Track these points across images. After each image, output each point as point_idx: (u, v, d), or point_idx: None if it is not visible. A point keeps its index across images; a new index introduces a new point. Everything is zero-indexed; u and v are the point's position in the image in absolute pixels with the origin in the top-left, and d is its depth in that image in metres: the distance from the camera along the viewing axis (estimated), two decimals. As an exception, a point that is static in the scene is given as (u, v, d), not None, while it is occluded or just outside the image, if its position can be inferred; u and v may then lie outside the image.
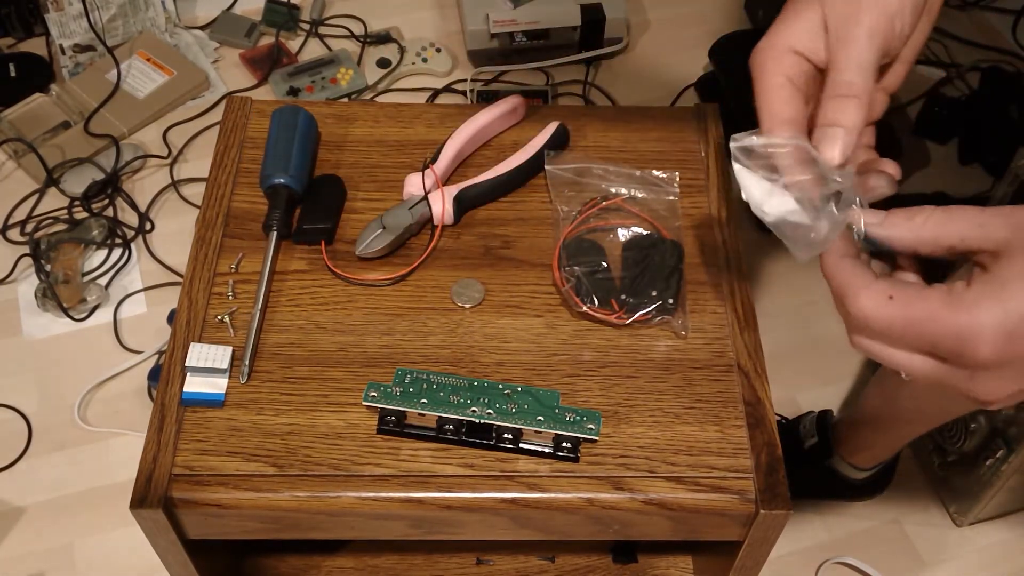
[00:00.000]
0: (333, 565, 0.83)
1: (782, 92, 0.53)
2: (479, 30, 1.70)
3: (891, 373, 1.12)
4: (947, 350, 0.46)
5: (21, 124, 1.59)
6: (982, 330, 0.44)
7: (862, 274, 0.48)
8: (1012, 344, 0.44)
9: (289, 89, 1.67)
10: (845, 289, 0.48)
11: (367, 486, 0.60)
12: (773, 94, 0.53)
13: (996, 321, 0.44)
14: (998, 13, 1.88)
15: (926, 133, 1.69)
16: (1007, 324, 0.44)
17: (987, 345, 0.44)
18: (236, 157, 0.75)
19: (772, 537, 0.62)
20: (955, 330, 0.44)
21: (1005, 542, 1.25)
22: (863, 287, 0.47)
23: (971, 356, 0.45)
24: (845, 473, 1.22)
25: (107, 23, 1.70)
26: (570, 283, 0.68)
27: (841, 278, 0.48)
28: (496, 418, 0.60)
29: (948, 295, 0.45)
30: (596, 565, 0.84)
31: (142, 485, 0.59)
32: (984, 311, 0.44)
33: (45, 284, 1.40)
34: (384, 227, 0.70)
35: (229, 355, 0.63)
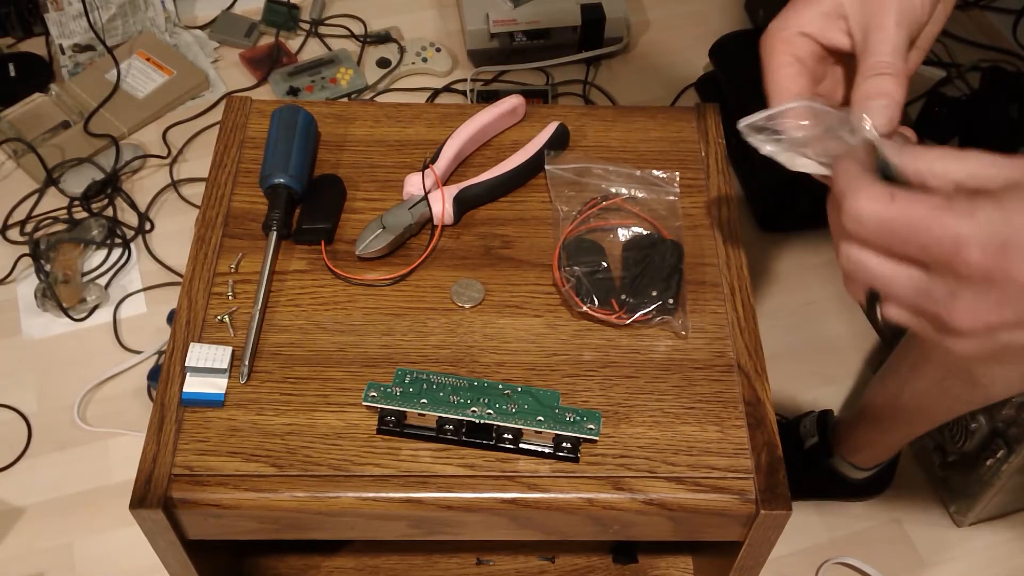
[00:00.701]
0: (333, 565, 0.83)
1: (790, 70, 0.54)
2: (479, 30, 1.70)
3: (892, 372, 1.12)
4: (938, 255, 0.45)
5: (21, 124, 1.59)
6: (977, 234, 0.43)
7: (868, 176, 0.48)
8: (1004, 257, 0.43)
9: (289, 89, 1.67)
10: (847, 187, 0.47)
11: (367, 486, 0.60)
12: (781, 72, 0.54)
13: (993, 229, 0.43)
14: (998, 13, 1.88)
15: (926, 133, 1.69)
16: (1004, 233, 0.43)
17: (979, 250, 0.43)
18: (236, 157, 0.75)
19: (772, 537, 0.62)
20: (951, 232, 0.44)
21: (1005, 542, 1.25)
22: (867, 186, 0.47)
23: (961, 262, 0.44)
24: (845, 473, 1.22)
25: (107, 23, 1.70)
26: (570, 283, 0.68)
27: (847, 177, 0.48)
28: (496, 418, 0.60)
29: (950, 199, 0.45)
30: (596, 565, 0.84)
31: (142, 485, 0.59)
32: (983, 216, 0.43)
33: (45, 284, 1.40)
34: (384, 227, 0.70)
35: (229, 355, 0.63)
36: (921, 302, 0.47)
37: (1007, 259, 0.43)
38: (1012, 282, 0.44)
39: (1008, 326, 0.46)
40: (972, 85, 1.76)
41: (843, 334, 1.42)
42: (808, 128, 0.53)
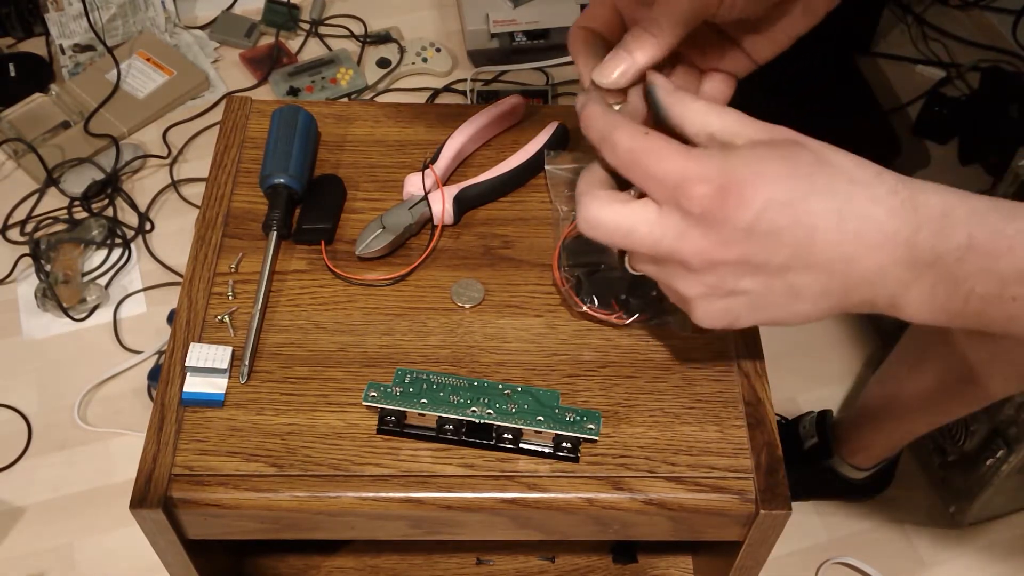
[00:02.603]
0: (333, 565, 0.83)
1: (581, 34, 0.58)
2: (479, 30, 1.71)
3: (891, 373, 1.12)
4: (670, 184, 0.49)
5: (21, 124, 1.59)
6: (703, 173, 0.48)
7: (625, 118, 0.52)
8: (721, 198, 0.48)
9: (289, 89, 1.67)
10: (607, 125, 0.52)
11: (367, 486, 0.60)
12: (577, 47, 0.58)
13: (716, 172, 0.48)
14: (998, 13, 1.88)
15: (926, 133, 1.69)
16: (724, 178, 0.48)
17: (696, 188, 0.48)
18: (236, 157, 0.75)
19: (772, 537, 0.62)
20: (680, 166, 0.49)
21: (1005, 542, 1.25)
22: (624, 123, 0.51)
23: (684, 195, 0.49)
24: (845, 473, 1.22)
25: (107, 23, 1.70)
26: (570, 283, 0.68)
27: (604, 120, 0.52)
28: (496, 418, 0.60)
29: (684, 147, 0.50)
30: (596, 565, 0.84)
31: (142, 485, 0.59)
32: (710, 161, 0.48)
33: (45, 284, 1.40)
34: (384, 227, 0.70)
35: (229, 355, 0.63)
36: (657, 240, 0.50)
37: (725, 200, 0.48)
38: (729, 222, 0.48)
39: (731, 266, 0.50)
40: (972, 85, 1.76)
41: (843, 334, 1.42)
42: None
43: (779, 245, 0.49)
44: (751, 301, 0.52)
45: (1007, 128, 1.57)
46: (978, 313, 0.49)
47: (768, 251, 0.49)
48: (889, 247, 0.48)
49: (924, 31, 1.86)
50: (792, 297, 0.51)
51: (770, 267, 0.50)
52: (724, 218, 0.48)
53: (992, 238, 0.47)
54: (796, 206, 0.48)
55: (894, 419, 1.12)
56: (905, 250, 0.48)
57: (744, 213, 0.48)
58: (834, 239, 0.48)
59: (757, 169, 0.48)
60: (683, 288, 0.52)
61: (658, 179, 0.50)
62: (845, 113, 1.58)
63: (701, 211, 0.49)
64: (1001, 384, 0.96)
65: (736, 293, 0.51)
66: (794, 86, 1.53)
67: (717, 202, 0.48)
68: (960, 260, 0.47)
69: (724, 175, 0.48)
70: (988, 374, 0.95)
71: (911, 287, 0.49)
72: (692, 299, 0.53)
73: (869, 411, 1.16)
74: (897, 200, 0.48)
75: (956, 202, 0.48)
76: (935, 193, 0.49)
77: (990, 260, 0.47)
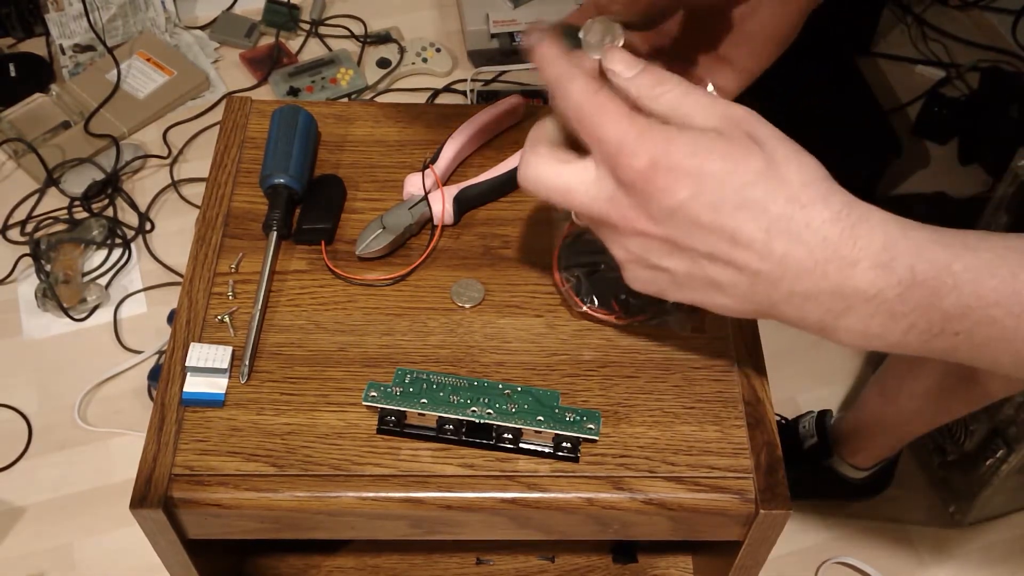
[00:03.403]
0: (333, 565, 0.83)
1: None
2: (479, 30, 1.71)
3: (891, 373, 1.12)
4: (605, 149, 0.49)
5: (21, 124, 1.60)
6: (638, 147, 0.48)
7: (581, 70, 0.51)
8: (654, 171, 0.48)
9: (289, 89, 1.67)
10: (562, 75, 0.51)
11: (367, 486, 0.60)
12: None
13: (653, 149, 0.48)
14: (998, 13, 1.88)
15: (926, 133, 1.69)
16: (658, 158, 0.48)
17: (632, 160, 0.48)
18: (236, 157, 0.75)
19: (772, 537, 0.62)
20: (620, 136, 0.48)
21: (1005, 542, 1.25)
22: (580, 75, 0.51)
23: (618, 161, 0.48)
24: (845, 473, 1.22)
25: (107, 23, 1.70)
26: (570, 283, 0.68)
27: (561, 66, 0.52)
28: (496, 418, 0.60)
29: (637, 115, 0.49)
30: (596, 565, 0.84)
31: (142, 485, 0.59)
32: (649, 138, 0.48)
33: (45, 284, 1.40)
34: (384, 227, 0.70)
35: (229, 355, 0.63)
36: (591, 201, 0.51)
37: (654, 179, 0.48)
38: (654, 201, 0.48)
39: (655, 240, 0.50)
40: (972, 85, 1.76)
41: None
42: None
43: (702, 237, 0.48)
44: (673, 279, 0.52)
45: (1007, 128, 1.57)
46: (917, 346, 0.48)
47: (691, 238, 0.49)
48: (818, 275, 0.47)
49: (924, 31, 1.86)
50: (713, 288, 0.51)
51: (693, 254, 0.49)
52: (650, 196, 0.48)
53: (936, 274, 0.46)
54: (721, 211, 0.47)
55: (894, 419, 1.12)
56: (838, 280, 0.47)
57: (668, 198, 0.48)
58: (756, 254, 0.48)
59: (693, 161, 0.47)
60: (613, 250, 0.53)
61: (600, 140, 0.49)
62: (845, 113, 1.58)
63: (630, 182, 0.49)
64: (1001, 384, 0.97)
65: (659, 268, 0.51)
66: (794, 86, 1.53)
67: (646, 177, 0.48)
68: (900, 296, 0.46)
69: (661, 154, 0.47)
70: (988, 375, 0.95)
71: (842, 316, 0.48)
72: (621, 262, 0.53)
73: (869, 411, 1.16)
74: (836, 229, 0.47)
75: (898, 234, 0.47)
76: (879, 224, 0.47)
77: (934, 297, 0.46)
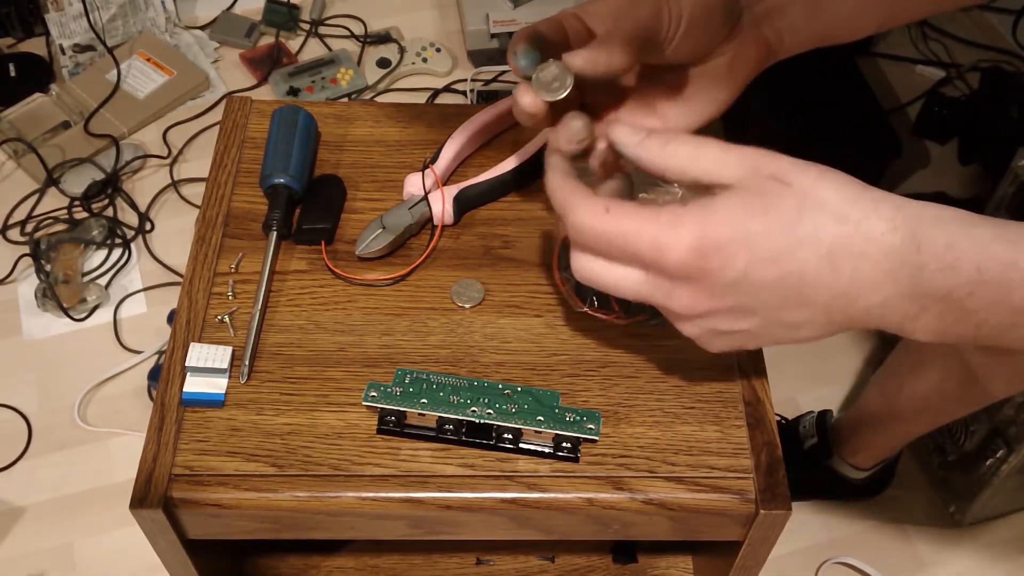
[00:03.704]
0: (333, 565, 0.83)
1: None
2: (479, 30, 1.71)
3: (891, 373, 1.12)
4: (648, 260, 0.50)
5: (21, 124, 1.60)
6: (678, 241, 0.48)
7: (582, 191, 0.52)
8: (702, 259, 0.48)
9: (289, 89, 1.67)
10: (566, 202, 0.52)
11: (367, 486, 0.60)
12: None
13: (692, 236, 0.48)
14: (998, 13, 1.88)
15: (926, 133, 1.69)
16: (702, 241, 0.48)
17: (678, 254, 0.48)
18: (236, 157, 0.75)
19: (772, 537, 0.62)
20: (654, 239, 0.49)
21: (1005, 542, 1.25)
22: (582, 201, 0.51)
23: (664, 263, 0.49)
24: (845, 473, 1.22)
25: (107, 23, 1.70)
26: (570, 283, 0.68)
27: (562, 194, 0.52)
28: (496, 418, 0.60)
29: (658, 211, 0.49)
30: (596, 565, 0.84)
31: (142, 485, 0.59)
32: (683, 226, 0.48)
33: (45, 284, 1.40)
34: (384, 227, 0.70)
35: (229, 355, 0.63)
36: (649, 292, 0.52)
37: (707, 262, 0.48)
38: (715, 280, 0.49)
39: (724, 313, 0.51)
40: (972, 85, 1.76)
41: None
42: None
43: (770, 294, 0.49)
44: (752, 336, 0.52)
45: (1007, 128, 1.57)
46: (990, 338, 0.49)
47: (759, 300, 0.49)
48: (890, 284, 0.47)
49: (924, 31, 1.86)
50: (793, 330, 0.51)
51: (764, 311, 0.50)
52: (708, 278, 0.49)
53: (1003, 271, 0.46)
54: (781, 261, 0.48)
55: (894, 419, 1.12)
56: (909, 285, 0.47)
57: (728, 273, 0.48)
58: (827, 282, 0.48)
59: (736, 228, 0.48)
60: (685, 331, 0.54)
61: (636, 253, 0.50)
62: (845, 113, 1.58)
63: (684, 275, 0.49)
64: (1002, 385, 0.96)
65: (735, 332, 0.52)
66: (794, 87, 1.53)
67: (699, 264, 0.48)
68: (971, 295, 0.47)
69: (700, 236, 0.48)
70: (989, 375, 0.95)
71: (918, 317, 0.48)
72: (694, 337, 0.54)
73: (869, 411, 1.16)
74: (897, 237, 0.47)
75: (959, 233, 0.47)
76: (937, 225, 0.47)
77: (1002, 293, 0.46)
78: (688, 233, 0.48)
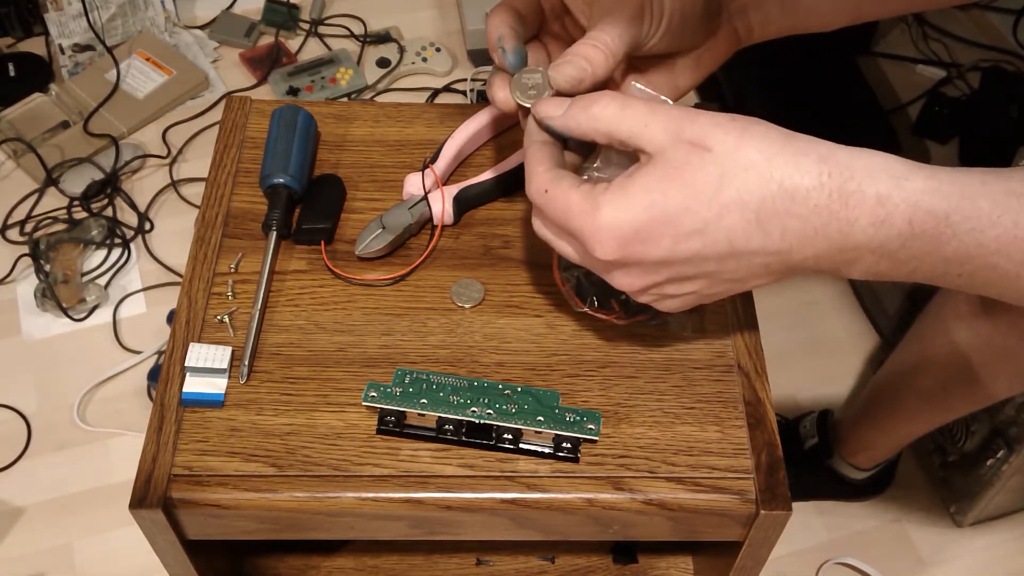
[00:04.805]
0: (333, 565, 0.83)
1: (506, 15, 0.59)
2: (479, 30, 1.70)
3: (892, 373, 1.12)
4: (578, 245, 0.52)
5: (20, 124, 1.59)
6: (598, 233, 0.49)
7: (538, 160, 0.53)
8: (625, 248, 0.49)
9: (289, 89, 1.67)
10: (527, 169, 0.54)
11: (367, 486, 0.59)
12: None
13: (612, 226, 0.49)
14: (998, 13, 1.88)
15: (926, 133, 1.69)
16: (621, 230, 0.49)
17: (602, 246, 0.49)
18: (236, 157, 0.75)
19: (772, 537, 0.62)
20: (580, 229, 0.50)
21: (1005, 542, 1.25)
22: (534, 170, 0.53)
23: (592, 254, 0.50)
24: (845, 473, 1.22)
25: (106, 23, 1.70)
26: (570, 283, 0.68)
27: (528, 160, 0.54)
28: (496, 418, 0.60)
29: (586, 196, 0.50)
30: (596, 565, 0.84)
31: (141, 485, 0.59)
32: (603, 216, 0.49)
33: (44, 284, 1.40)
34: (384, 227, 0.70)
35: (228, 355, 0.63)
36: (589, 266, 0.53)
37: (628, 250, 0.49)
38: (641, 262, 0.50)
39: (664, 282, 0.52)
40: (972, 85, 1.76)
41: (843, 334, 1.42)
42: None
43: (702, 260, 0.50)
44: (702, 294, 0.53)
45: (1007, 128, 1.57)
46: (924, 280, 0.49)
47: (694, 266, 0.50)
48: (821, 239, 0.48)
49: (924, 31, 1.86)
50: (739, 283, 0.52)
51: (704, 274, 0.51)
52: (636, 261, 0.50)
53: (935, 225, 0.46)
54: (707, 231, 0.48)
55: (895, 419, 1.12)
56: (840, 239, 0.48)
57: (653, 252, 0.49)
58: (758, 244, 0.48)
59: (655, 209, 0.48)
60: (634, 296, 0.55)
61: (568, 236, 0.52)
62: (845, 112, 1.58)
63: (613, 259, 0.50)
64: (1005, 385, 0.96)
65: (684, 295, 0.53)
66: (794, 86, 1.53)
67: (623, 253, 0.49)
68: (903, 247, 0.47)
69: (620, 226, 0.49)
70: (992, 375, 0.95)
71: (853, 264, 0.49)
72: (646, 303, 0.55)
73: (870, 411, 1.16)
74: (824, 194, 0.47)
75: (890, 186, 0.47)
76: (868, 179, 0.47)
77: (934, 245, 0.47)
78: (606, 223, 0.49)
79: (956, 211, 0.46)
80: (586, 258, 0.53)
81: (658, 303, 0.55)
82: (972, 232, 0.46)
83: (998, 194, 0.46)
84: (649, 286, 0.52)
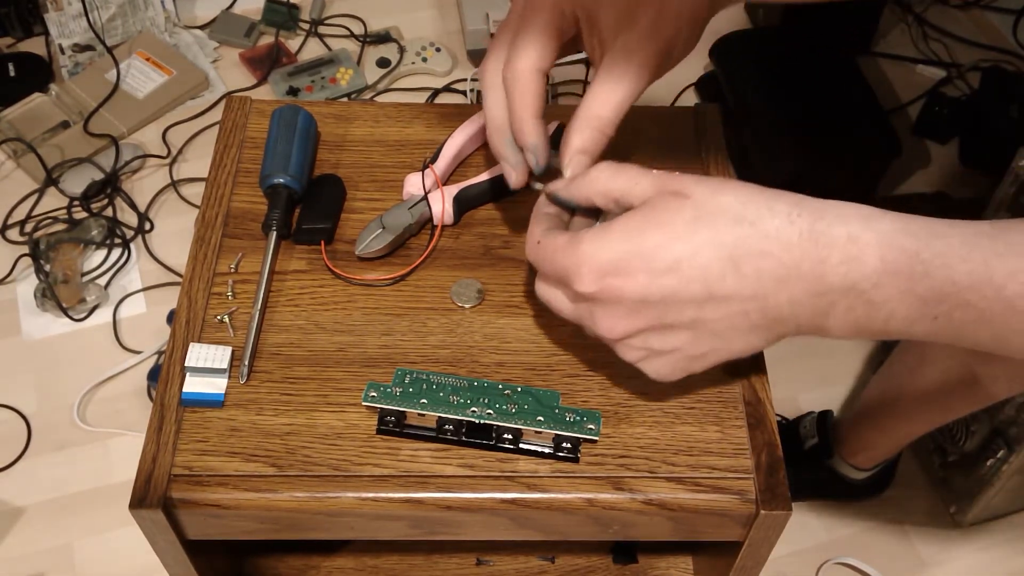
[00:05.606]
0: (333, 565, 0.83)
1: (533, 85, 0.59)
2: (479, 30, 1.71)
3: (892, 373, 1.12)
4: (564, 283, 0.53)
5: (20, 124, 1.59)
6: (579, 267, 0.51)
7: (540, 222, 0.56)
8: (604, 281, 0.51)
9: (289, 89, 1.67)
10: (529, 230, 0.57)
11: (367, 486, 0.59)
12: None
13: (590, 258, 0.51)
14: (998, 13, 1.88)
15: (926, 133, 1.69)
16: (598, 261, 0.51)
17: (583, 279, 0.51)
18: (236, 157, 0.75)
19: (772, 537, 0.62)
20: (564, 267, 0.52)
21: (1005, 542, 1.25)
22: (531, 230, 0.56)
23: (575, 288, 0.52)
24: (845, 473, 1.22)
25: (106, 23, 1.70)
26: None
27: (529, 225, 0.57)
28: (496, 418, 0.60)
29: (571, 237, 0.53)
30: (596, 565, 0.84)
31: (141, 485, 0.59)
32: (582, 249, 0.51)
33: (44, 284, 1.40)
34: (384, 227, 0.70)
35: (228, 355, 0.63)
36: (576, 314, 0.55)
37: (606, 283, 0.51)
38: (623, 300, 0.51)
39: (647, 331, 0.53)
40: (972, 85, 1.76)
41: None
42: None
43: (680, 304, 0.50)
44: (688, 354, 0.54)
45: (1007, 128, 1.57)
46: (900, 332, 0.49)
47: (673, 311, 0.51)
48: (794, 279, 0.48)
49: (924, 31, 1.86)
50: (723, 339, 0.53)
51: (684, 322, 0.51)
52: (616, 296, 0.51)
53: (907, 261, 0.47)
54: (681, 268, 0.49)
55: (895, 419, 1.12)
56: (813, 279, 0.48)
57: (630, 287, 0.50)
58: (733, 285, 0.49)
59: (631, 244, 0.50)
60: (624, 356, 0.56)
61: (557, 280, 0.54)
62: (846, 113, 1.58)
63: (594, 295, 0.51)
64: (1005, 385, 0.96)
65: (667, 351, 0.54)
66: (794, 86, 1.53)
67: (601, 284, 0.51)
68: (876, 286, 0.47)
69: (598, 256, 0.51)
70: (991, 375, 0.95)
71: (829, 313, 0.49)
72: (638, 364, 0.56)
73: (870, 411, 1.16)
74: (795, 231, 0.48)
75: (861, 226, 0.48)
76: (837, 220, 0.48)
77: (908, 284, 0.47)
78: (586, 254, 0.51)
79: (927, 248, 0.47)
80: (574, 300, 0.54)
81: (646, 362, 0.55)
82: (944, 268, 0.46)
83: (968, 234, 0.47)
84: (632, 332, 0.53)
